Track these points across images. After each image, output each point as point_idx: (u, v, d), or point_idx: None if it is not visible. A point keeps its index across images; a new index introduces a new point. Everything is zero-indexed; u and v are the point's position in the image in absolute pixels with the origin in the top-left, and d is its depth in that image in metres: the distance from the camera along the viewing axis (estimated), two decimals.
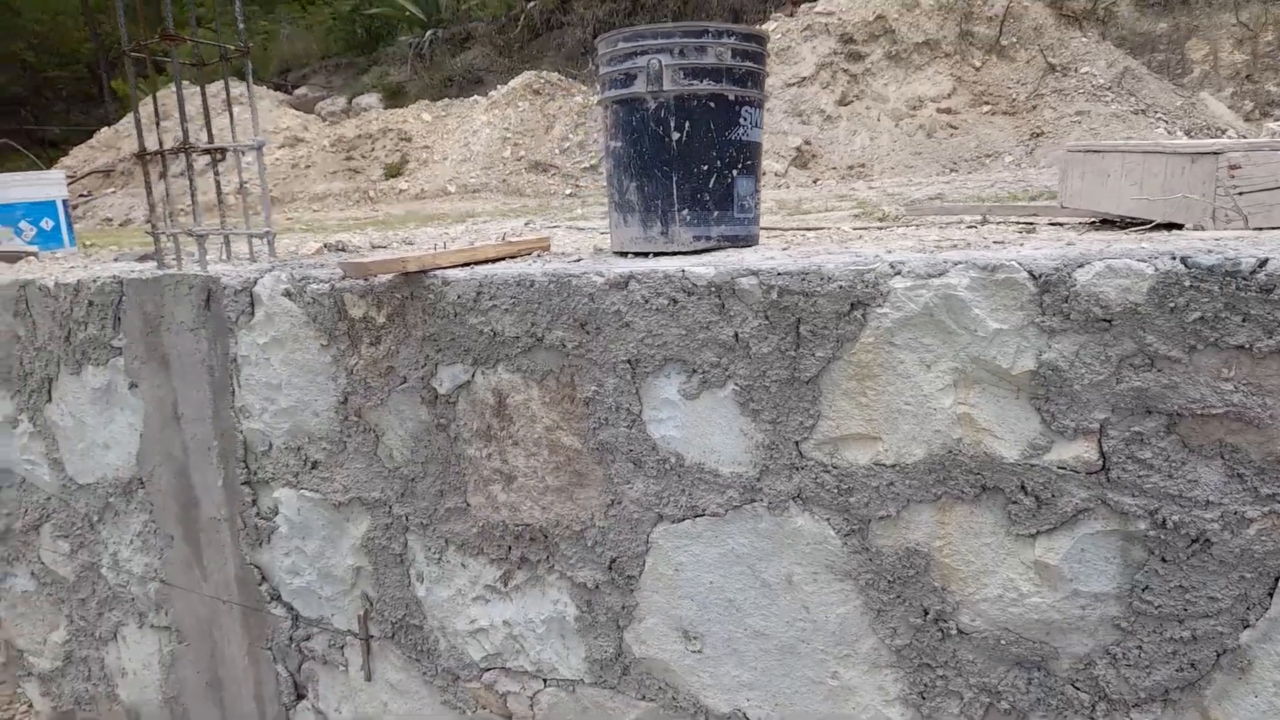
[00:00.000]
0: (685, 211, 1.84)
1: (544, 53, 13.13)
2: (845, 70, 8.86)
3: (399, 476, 2.13)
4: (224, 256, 2.84)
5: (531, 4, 13.78)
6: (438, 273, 1.95)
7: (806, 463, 1.58)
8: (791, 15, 9.59)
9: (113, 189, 15.71)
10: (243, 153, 2.66)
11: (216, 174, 2.62)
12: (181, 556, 2.67)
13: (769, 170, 7.88)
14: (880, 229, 2.54)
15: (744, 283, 1.57)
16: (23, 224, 4.68)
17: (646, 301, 1.68)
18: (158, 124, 2.57)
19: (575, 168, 9.01)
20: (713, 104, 1.81)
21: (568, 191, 8.47)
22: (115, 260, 3.29)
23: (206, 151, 2.51)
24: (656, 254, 1.89)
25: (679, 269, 1.65)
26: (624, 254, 1.97)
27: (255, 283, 2.28)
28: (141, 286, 2.53)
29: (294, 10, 20.37)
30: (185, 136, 2.41)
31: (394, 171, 10.11)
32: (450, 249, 2.04)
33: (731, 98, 1.83)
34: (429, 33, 15.25)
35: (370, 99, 14.75)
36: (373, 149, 11.08)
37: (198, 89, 2.63)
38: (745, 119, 1.85)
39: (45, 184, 4.77)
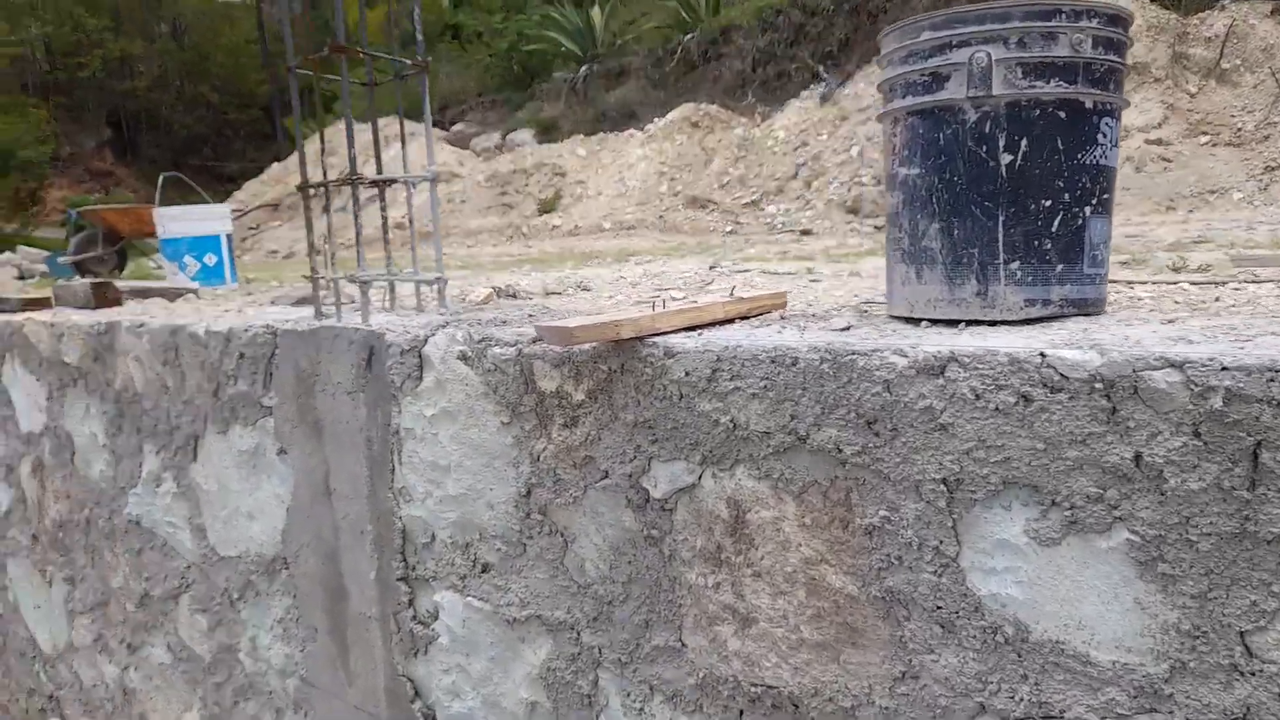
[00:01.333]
0: (1015, 264, 1.30)
1: (700, 85, 12.78)
2: None
3: (592, 596, 1.66)
4: (387, 304, 2.48)
5: (689, 37, 13.50)
6: (657, 340, 1.48)
7: (1260, 667, 1.00)
8: None
9: (279, 222, 16.38)
10: (413, 186, 2.29)
11: (383, 209, 2.26)
12: (325, 654, 2.29)
13: None
14: (1219, 285, 1.91)
15: (1157, 379, 1.02)
16: (187, 259, 4.58)
17: (978, 397, 1.15)
18: (323, 154, 2.23)
19: (735, 204, 8.53)
20: (1062, 114, 1.27)
21: (728, 229, 8.01)
22: (271, 304, 3.01)
23: (374, 184, 2.15)
24: (970, 322, 1.35)
25: (1034, 352, 1.11)
26: (912, 320, 1.45)
27: (425, 342, 1.88)
28: (296, 340, 2.18)
29: (453, 49, 20.91)
30: (352, 165, 2.06)
31: (548, 207, 9.92)
32: (670, 309, 1.57)
33: (1088, 105, 1.28)
34: (584, 68, 15.22)
35: (524, 134, 14.81)
36: (526, 184, 10.96)
37: (368, 125, 2.28)
38: (1104, 135, 1.31)
39: (210, 219, 4.67)
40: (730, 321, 1.65)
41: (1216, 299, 1.65)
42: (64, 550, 3.36)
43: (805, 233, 7.00)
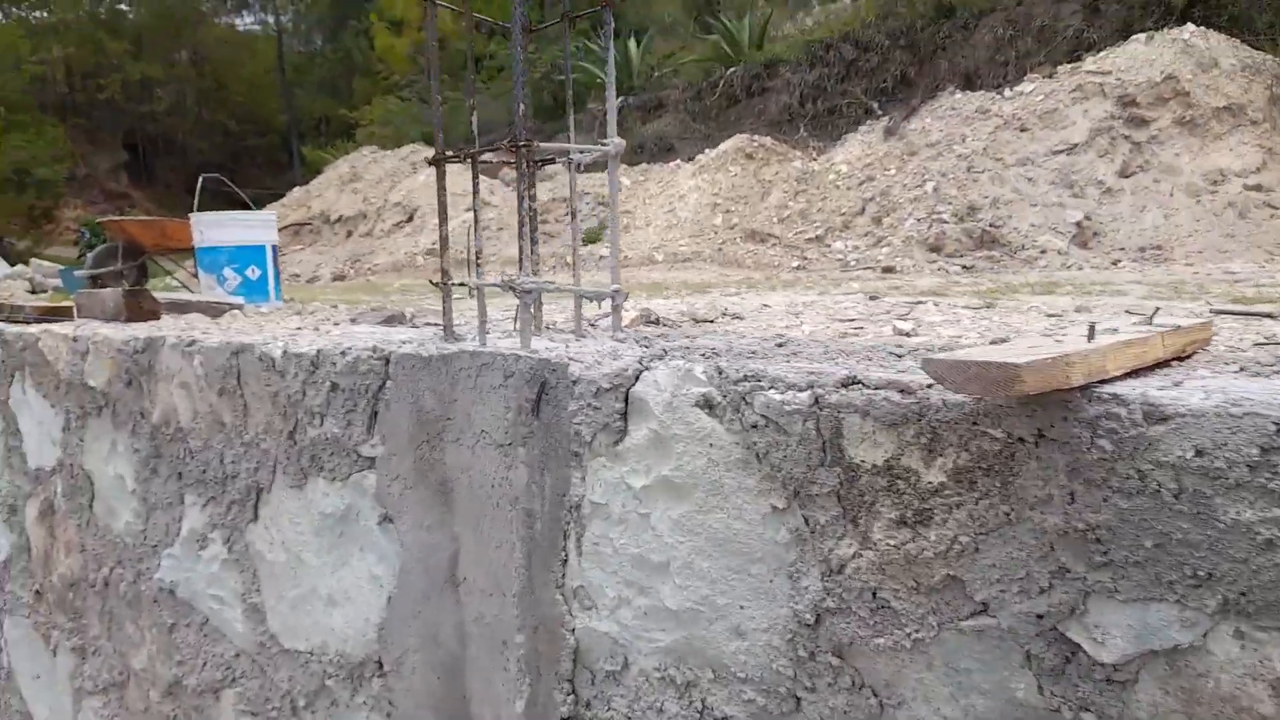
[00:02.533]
0: None
1: (743, 119, 12.30)
2: (1126, 137, 7.54)
3: None
4: (519, 327, 1.89)
5: (732, 70, 13.06)
6: (1121, 391, 0.88)
7: None
8: (1050, 76, 8.38)
9: (300, 246, 15.90)
10: (579, 168, 1.73)
11: (531, 196, 1.68)
12: None
13: (1049, 247, 6.62)
14: None
15: None
16: (226, 271, 4.00)
17: None
18: (473, 111, 1.67)
19: (798, 238, 7.98)
20: None
21: (794, 264, 7.44)
22: (352, 322, 2.42)
23: (539, 162, 1.57)
24: None
25: None
26: None
27: (637, 378, 1.28)
28: (420, 368, 1.58)
29: (479, 79, 20.61)
30: (517, 125, 1.48)
31: (592, 237, 9.38)
32: (1104, 341, 0.97)
33: None
34: (620, 99, 14.79)
35: (556, 165, 14.31)
36: (566, 212, 10.45)
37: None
38: None
39: (254, 226, 4.10)
40: (1167, 363, 1.06)
41: None
42: (74, 614, 2.73)
43: (888, 270, 6.44)
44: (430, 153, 1.68)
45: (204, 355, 2.06)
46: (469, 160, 1.59)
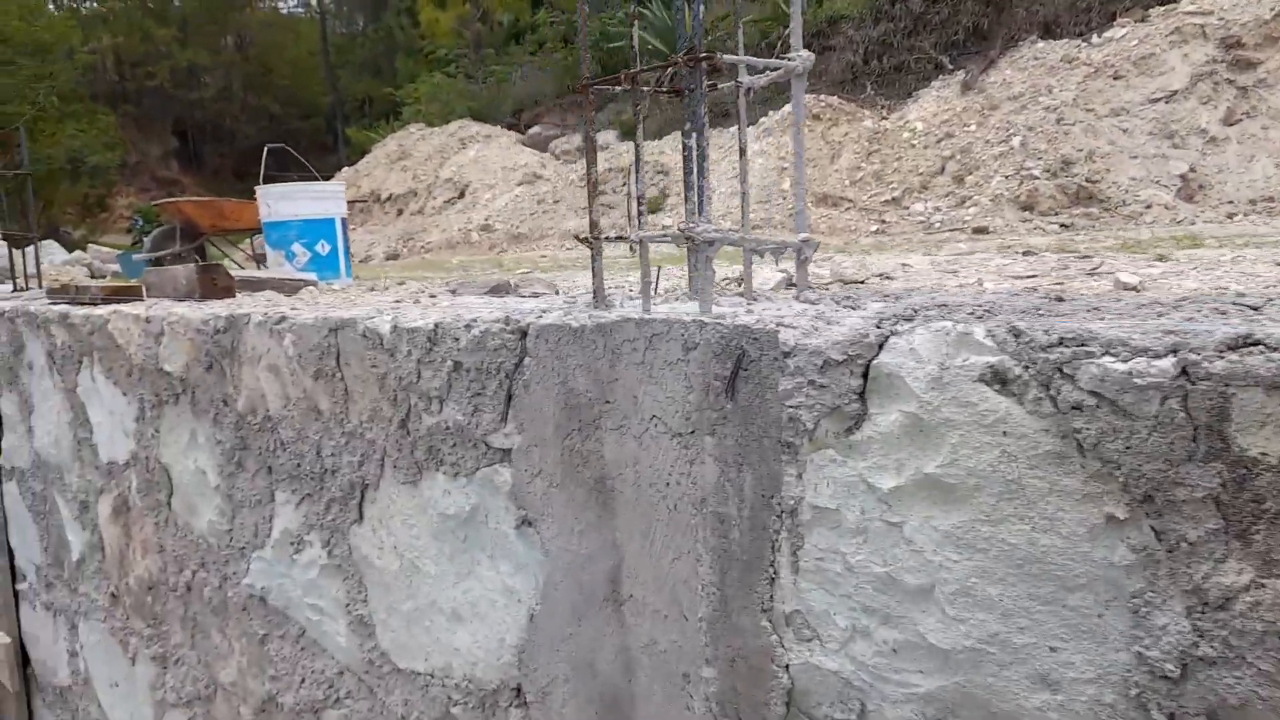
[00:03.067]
0: None
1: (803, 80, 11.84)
2: (1230, 82, 7.00)
3: None
4: (662, 291, 1.61)
5: (788, 30, 12.55)
6: None
7: None
8: (1143, 20, 7.83)
9: (352, 226, 15.80)
10: (749, 90, 1.44)
11: (699, 135, 1.39)
12: None
13: (1154, 202, 6.16)
14: None
15: None
16: (295, 246, 3.76)
17: None
18: (637, 54, 1.35)
19: (874, 201, 7.59)
20: None
21: (872, 228, 7.06)
22: (452, 293, 2.15)
23: (705, 70, 1.28)
24: None
25: None
26: None
27: (880, 347, 0.98)
28: (569, 343, 1.30)
29: (523, 56, 20.25)
30: (696, 40, 1.17)
31: (654, 206, 9.06)
32: None
33: None
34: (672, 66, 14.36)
35: (608, 135, 13.99)
36: (624, 184, 10.13)
37: None
38: None
39: (323, 198, 3.86)
40: None
41: None
42: (153, 620, 2.53)
43: (979, 230, 6.04)
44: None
45: (296, 334, 1.80)
46: (632, 84, 1.29)
